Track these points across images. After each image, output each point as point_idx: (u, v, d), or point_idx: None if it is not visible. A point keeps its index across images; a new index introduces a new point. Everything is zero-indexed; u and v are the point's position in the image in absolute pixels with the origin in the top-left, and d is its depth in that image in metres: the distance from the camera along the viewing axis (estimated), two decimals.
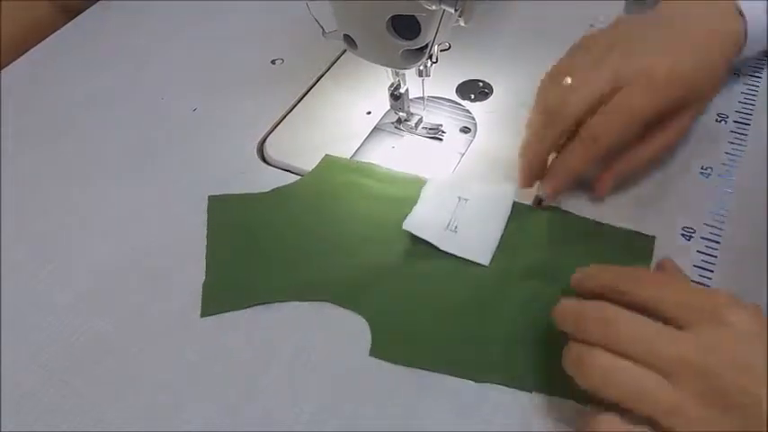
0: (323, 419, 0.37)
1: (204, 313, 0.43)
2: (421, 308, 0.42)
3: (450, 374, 0.39)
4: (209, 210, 0.49)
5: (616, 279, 0.35)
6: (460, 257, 0.44)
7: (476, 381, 0.38)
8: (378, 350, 0.40)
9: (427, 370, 0.39)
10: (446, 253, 0.44)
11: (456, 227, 0.45)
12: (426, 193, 0.47)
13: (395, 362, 0.40)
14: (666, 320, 0.32)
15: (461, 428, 0.37)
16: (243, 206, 0.49)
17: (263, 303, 0.43)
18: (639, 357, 0.31)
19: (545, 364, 0.38)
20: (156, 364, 0.41)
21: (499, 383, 0.38)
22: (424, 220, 0.45)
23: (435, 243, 0.44)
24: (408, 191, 0.48)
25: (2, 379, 0.41)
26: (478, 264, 0.44)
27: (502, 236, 0.45)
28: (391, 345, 0.40)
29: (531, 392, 0.37)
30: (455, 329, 0.41)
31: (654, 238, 0.43)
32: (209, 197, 0.49)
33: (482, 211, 0.46)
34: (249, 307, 0.43)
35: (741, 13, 0.46)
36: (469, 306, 0.42)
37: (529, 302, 0.41)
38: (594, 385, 0.32)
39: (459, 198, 0.47)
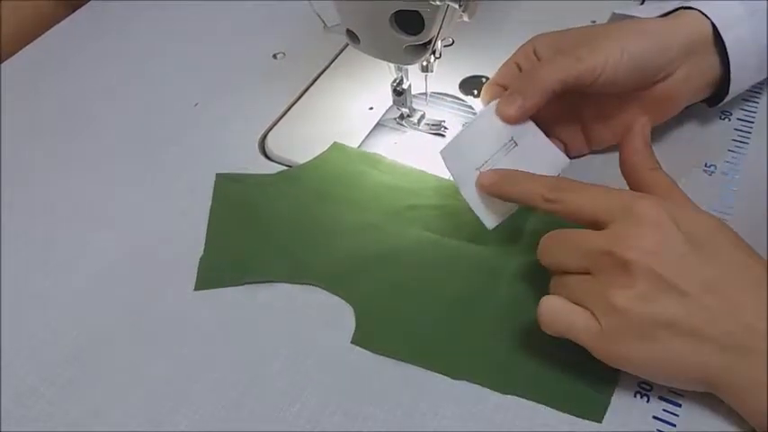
0: (324, 413, 0.37)
1: (198, 287, 0.43)
2: (407, 300, 0.42)
3: (428, 368, 0.39)
4: (216, 186, 0.49)
5: (541, 187, 0.38)
6: (460, 247, 0.43)
7: (452, 377, 0.38)
8: (359, 338, 0.40)
9: (406, 362, 0.39)
10: (440, 247, 0.44)
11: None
12: (479, 122, 0.43)
13: (375, 351, 0.39)
14: (589, 225, 0.36)
15: (461, 428, 0.37)
16: (248, 185, 0.49)
17: (256, 283, 0.43)
18: (573, 262, 0.36)
19: (524, 369, 0.38)
20: (157, 361, 0.40)
21: (475, 383, 0.38)
22: (461, 151, 0.42)
23: (456, 182, 0.42)
24: (412, 183, 0.48)
25: (3, 377, 0.40)
26: (472, 259, 0.43)
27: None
28: (373, 334, 0.40)
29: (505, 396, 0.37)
30: (438, 325, 0.40)
31: None
32: (216, 174, 0.50)
33: (524, 167, 0.40)
34: (245, 284, 0.43)
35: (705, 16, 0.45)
36: (455, 304, 0.41)
37: (515, 307, 0.40)
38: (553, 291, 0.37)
39: (512, 138, 0.41)
